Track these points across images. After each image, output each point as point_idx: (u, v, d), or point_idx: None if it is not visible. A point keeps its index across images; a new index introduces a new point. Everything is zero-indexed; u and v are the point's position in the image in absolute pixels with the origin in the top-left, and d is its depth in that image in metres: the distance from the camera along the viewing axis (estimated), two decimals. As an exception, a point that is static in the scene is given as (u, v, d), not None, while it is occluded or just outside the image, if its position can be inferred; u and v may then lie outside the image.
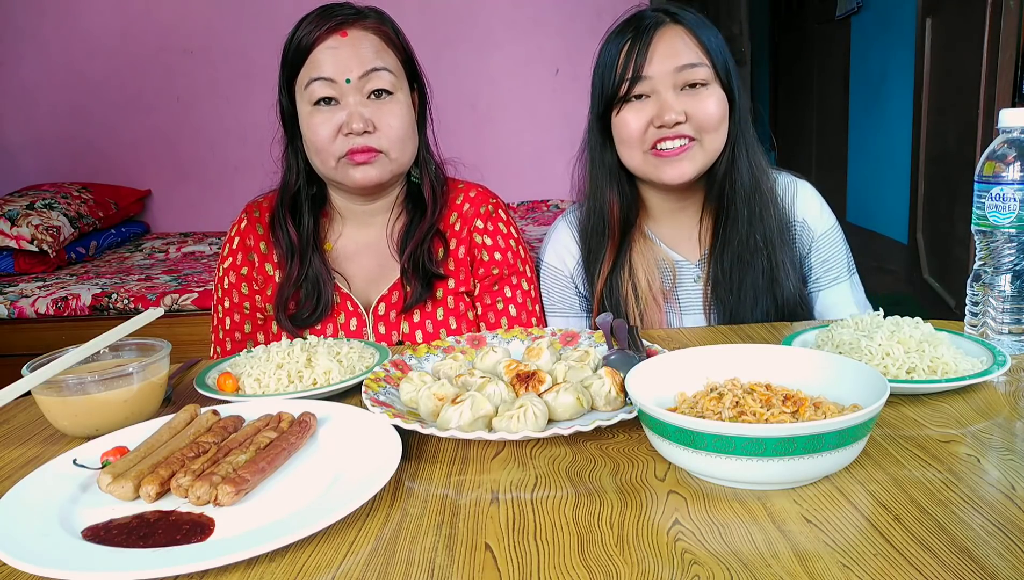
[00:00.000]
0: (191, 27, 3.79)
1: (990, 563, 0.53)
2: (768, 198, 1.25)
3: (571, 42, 3.81)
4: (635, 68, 1.17)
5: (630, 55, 1.18)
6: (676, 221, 1.32)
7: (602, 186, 1.27)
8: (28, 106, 3.83)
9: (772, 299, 1.24)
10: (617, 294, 1.27)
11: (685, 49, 1.17)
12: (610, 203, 1.27)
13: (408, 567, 0.57)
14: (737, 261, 1.24)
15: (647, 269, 1.27)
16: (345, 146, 1.18)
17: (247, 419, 0.83)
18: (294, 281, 1.25)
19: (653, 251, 1.29)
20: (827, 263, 1.31)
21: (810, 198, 1.32)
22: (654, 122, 1.17)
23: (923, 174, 3.45)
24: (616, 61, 1.19)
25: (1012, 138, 0.94)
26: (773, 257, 1.24)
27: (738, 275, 1.24)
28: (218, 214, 3.86)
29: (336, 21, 1.18)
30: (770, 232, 1.24)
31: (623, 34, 1.20)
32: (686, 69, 1.17)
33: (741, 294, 1.24)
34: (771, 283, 1.24)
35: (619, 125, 1.21)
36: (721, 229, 1.25)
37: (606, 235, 1.28)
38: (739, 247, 1.23)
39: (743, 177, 1.23)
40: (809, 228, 1.30)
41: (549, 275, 1.36)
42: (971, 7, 2.79)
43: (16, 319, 2.67)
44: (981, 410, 0.80)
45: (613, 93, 1.20)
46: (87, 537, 0.63)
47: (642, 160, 1.21)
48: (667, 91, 1.17)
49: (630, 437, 0.78)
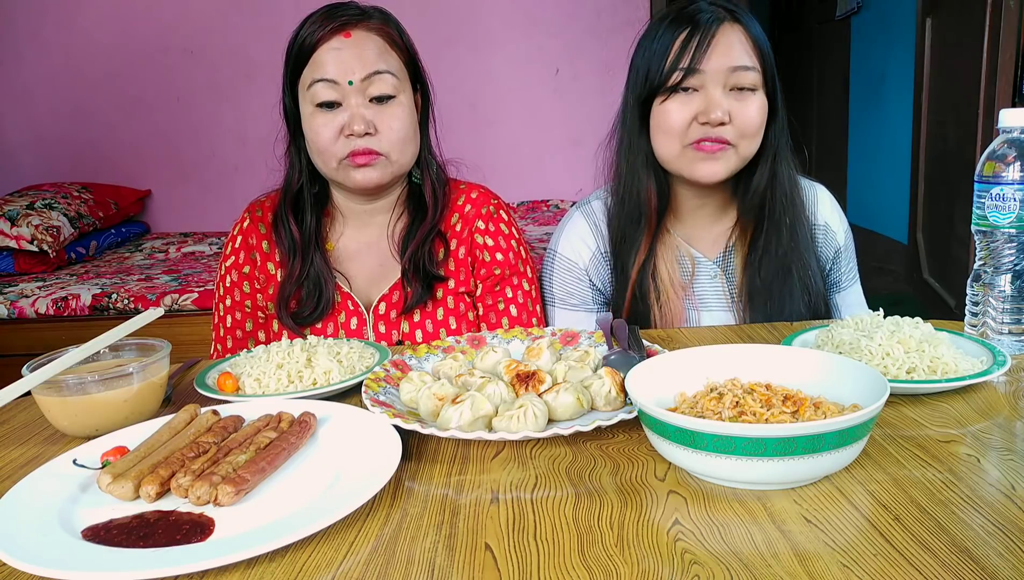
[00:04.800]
0: (191, 27, 3.78)
1: (990, 563, 0.53)
2: (801, 208, 1.26)
3: (571, 42, 3.81)
4: (692, 60, 1.15)
5: (687, 46, 1.15)
6: (696, 217, 1.31)
7: (639, 172, 1.24)
8: (28, 106, 3.83)
9: (805, 303, 1.24)
10: (645, 286, 1.26)
11: (742, 51, 1.16)
12: (647, 191, 1.24)
13: (408, 567, 0.57)
14: (776, 273, 1.23)
15: (668, 262, 1.27)
16: (346, 148, 1.18)
17: (247, 419, 0.83)
18: (296, 279, 1.25)
19: (675, 244, 1.29)
20: (848, 265, 1.32)
21: (829, 203, 1.33)
22: (699, 118, 1.16)
23: (923, 174, 3.45)
24: (669, 49, 1.16)
25: (1012, 138, 0.94)
26: (809, 265, 1.24)
27: (778, 286, 1.23)
28: (218, 214, 3.86)
29: (340, 22, 1.17)
30: (805, 241, 1.25)
31: (678, 23, 1.17)
32: (739, 71, 1.15)
33: (781, 303, 1.23)
34: (804, 290, 1.24)
35: (661, 114, 1.19)
36: (761, 239, 1.24)
37: (642, 223, 1.25)
38: (781, 258, 1.22)
39: (784, 188, 1.23)
40: (832, 232, 1.31)
41: (562, 266, 1.32)
42: (971, 7, 2.79)
43: (16, 319, 2.67)
44: (981, 410, 0.80)
45: (662, 81, 1.17)
46: (87, 537, 0.63)
47: (679, 153, 1.19)
48: (716, 88, 1.15)
49: (630, 437, 0.78)
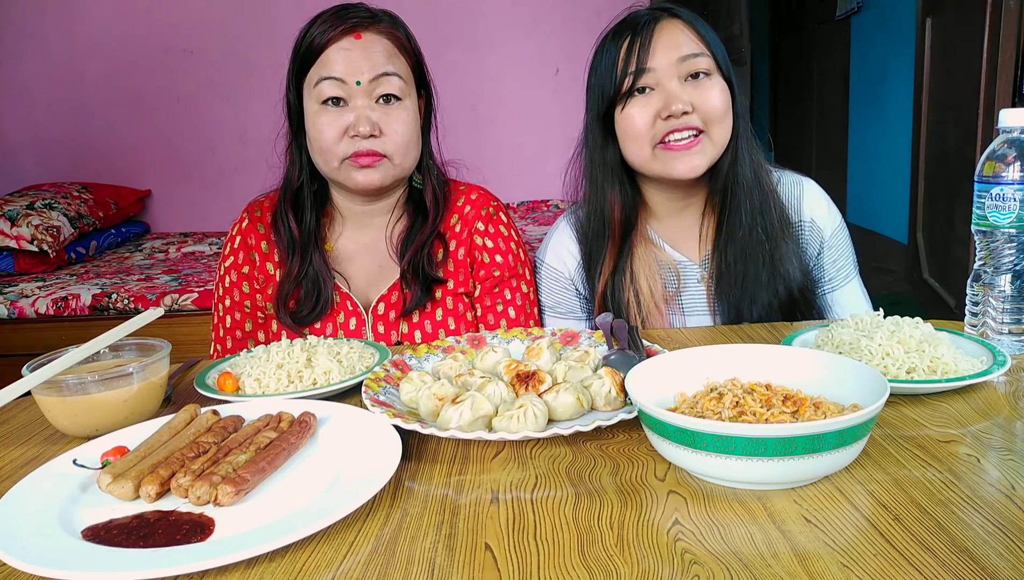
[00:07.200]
0: (191, 27, 3.79)
1: (990, 563, 0.53)
2: (768, 191, 1.25)
3: (571, 42, 3.81)
4: (638, 61, 1.16)
5: (631, 50, 1.17)
6: (679, 221, 1.31)
7: (603, 187, 1.26)
8: (28, 106, 3.83)
9: (775, 292, 1.24)
10: (619, 299, 1.26)
11: (686, 40, 1.17)
12: (611, 203, 1.26)
13: (408, 567, 0.57)
14: (741, 254, 1.23)
15: (649, 275, 1.26)
16: (350, 148, 1.18)
17: (247, 419, 0.83)
18: (294, 277, 1.25)
19: (655, 254, 1.28)
20: (838, 262, 1.31)
21: (817, 197, 1.31)
22: (661, 114, 1.16)
23: (923, 174, 3.45)
24: (616, 58, 1.18)
25: (1012, 138, 0.94)
26: (776, 250, 1.24)
27: (742, 267, 1.23)
28: (218, 214, 3.86)
29: (351, 23, 1.18)
30: (771, 225, 1.24)
31: (620, 33, 1.20)
32: (689, 59, 1.16)
33: (744, 287, 1.23)
34: (773, 275, 1.23)
35: (624, 121, 1.20)
36: (724, 222, 1.24)
37: (606, 237, 1.26)
38: (743, 240, 1.23)
39: (745, 170, 1.23)
40: (818, 227, 1.30)
41: (549, 276, 1.34)
42: (971, 7, 2.78)
43: (16, 319, 2.67)
44: (981, 410, 0.80)
45: (616, 90, 1.19)
46: (87, 537, 0.63)
47: (651, 155, 1.19)
48: (671, 81, 1.16)
49: (630, 437, 0.78)
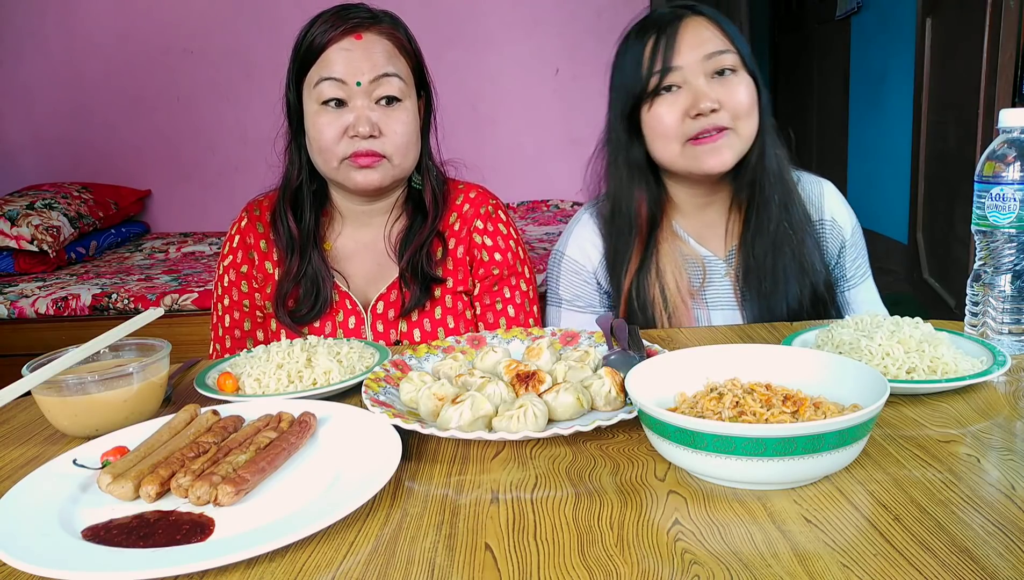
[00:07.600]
0: (191, 27, 3.78)
1: (990, 563, 0.53)
2: (791, 187, 1.26)
3: (571, 42, 3.81)
4: (664, 60, 1.16)
5: (656, 48, 1.17)
6: (704, 216, 1.31)
7: (628, 185, 1.25)
8: (28, 106, 3.83)
9: (803, 286, 1.24)
10: (645, 296, 1.25)
11: (711, 37, 1.17)
12: (637, 201, 1.25)
13: (408, 567, 0.57)
14: (771, 247, 1.23)
15: (675, 270, 1.26)
16: (350, 148, 1.18)
17: (247, 419, 0.83)
18: (293, 276, 1.25)
19: (681, 249, 1.28)
20: (857, 260, 1.32)
21: (836, 197, 1.33)
22: (689, 112, 1.16)
23: (923, 174, 3.45)
24: (642, 57, 1.18)
25: (1012, 138, 0.94)
26: (801, 245, 1.24)
27: (771, 261, 1.23)
28: (218, 214, 3.86)
29: (352, 24, 1.18)
30: (797, 220, 1.25)
31: (644, 32, 1.19)
32: (715, 56, 1.16)
33: (775, 280, 1.23)
34: (801, 269, 1.24)
35: (652, 120, 1.19)
36: (753, 216, 1.24)
37: (632, 234, 1.26)
38: (772, 233, 1.23)
39: (771, 164, 1.23)
40: (839, 227, 1.31)
41: (569, 269, 1.32)
42: (971, 7, 2.78)
43: (16, 319, 2.66)
44: (981, 410, 0.80)
45: (643, 88, 1.18)
46: (87, 537, 0.63)
47: (680, 152, 1.19)
48: (698, 79, 1.16)
49: (630, 437, 0.78)
